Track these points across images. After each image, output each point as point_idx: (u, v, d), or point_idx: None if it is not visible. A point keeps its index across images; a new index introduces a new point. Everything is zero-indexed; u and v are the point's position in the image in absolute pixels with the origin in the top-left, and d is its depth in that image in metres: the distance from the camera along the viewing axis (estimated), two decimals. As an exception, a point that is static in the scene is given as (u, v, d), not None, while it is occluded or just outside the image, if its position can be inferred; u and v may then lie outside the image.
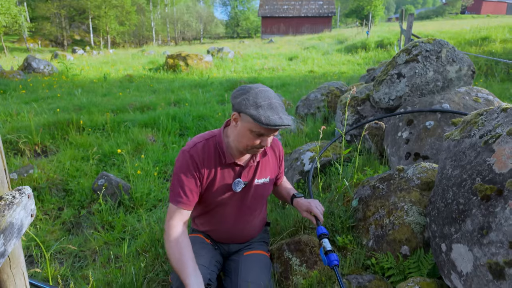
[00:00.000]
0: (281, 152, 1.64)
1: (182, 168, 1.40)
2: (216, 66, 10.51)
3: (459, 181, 1.28)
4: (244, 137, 1.31)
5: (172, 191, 1.41)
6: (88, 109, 5.23)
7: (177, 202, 1.38)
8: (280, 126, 1.22)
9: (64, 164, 3.61)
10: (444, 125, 1.99)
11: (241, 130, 1.31)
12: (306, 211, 1.57)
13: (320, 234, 1.46)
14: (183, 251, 1.27)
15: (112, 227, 2.81)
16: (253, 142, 1.30)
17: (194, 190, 1.40)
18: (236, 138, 1.36)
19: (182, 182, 1.39)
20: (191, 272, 1.21)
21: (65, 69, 9.33)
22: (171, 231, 1.33)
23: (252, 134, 1.28)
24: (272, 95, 1.28)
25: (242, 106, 1.26)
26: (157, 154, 3.82)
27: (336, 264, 1.31)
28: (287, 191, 1.71)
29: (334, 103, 3.76)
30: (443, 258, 1.23)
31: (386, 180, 1.86)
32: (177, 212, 1.37)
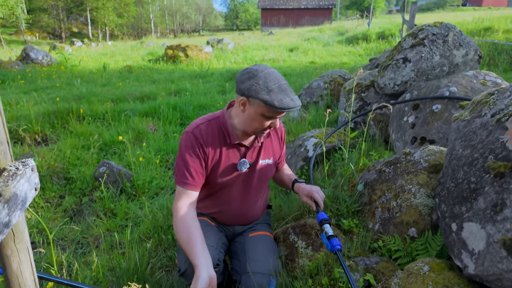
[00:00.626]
0: (283, 134, 1.63)
1: (186, 149, 1.38)
2: (216, 57, 10.42)
3: (470, 160, 1.26)
4: (255, 121, 1.30)
5: (177, 173, 1.39)
6: (88, 99, 5.19)
7: (184, 183, 1.36)
8: (293, 108, 1.22)
9: (65, 153, 3.58)
10: (452, 109, 1.96)
11: (251, 115, 1.29)
12: (307, 196, 1.55)
13: (321, 220, 1.45)
14: (192, 232, 1.25)
15: (114, 214, 2.80)
16: (264, 125, 1.30)
17: (199, 171, 1.38)
18: (245, 122, 1.34)
19: (187, 163, 1.37)
20: (201, 253, 1.19)
21: (63, 60, 9.23)
22: (178, 212, 1.31)
23: (263, 118, 1.28)
24: (279, 77, 1.27)
25: (252, 92, 1.24)
26: (158, 143, 3.79)
27: (338, 249, 1.30)
28: (288, 177, 1.70)
29: (337, 91, 3.72)
30: (453, 238, 1.22)
31: (392, 163, 1.84)
32: (183, 193, 1.36)
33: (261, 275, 1.35)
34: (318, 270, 1.46)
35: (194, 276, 1.14)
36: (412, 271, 1.25)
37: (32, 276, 0.94)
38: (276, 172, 1.75)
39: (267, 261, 1.40)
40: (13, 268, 0.88)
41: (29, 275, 0.93)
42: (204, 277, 1.12)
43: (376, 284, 1.33)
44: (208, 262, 1.18)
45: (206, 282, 1.11)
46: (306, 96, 3.97)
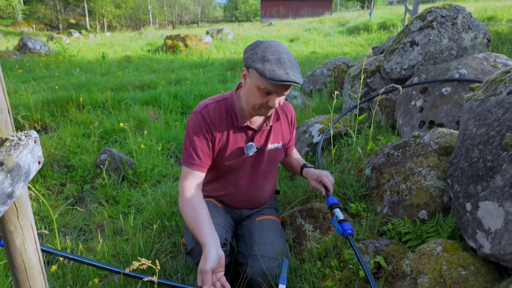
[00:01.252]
0: (293, 117, 1.58)
1: (194, 129, 1.34)
2: (216, 47, 10.29)
3: (485, 138, 1.22)
4: (252, 95, 1.24)
5: (184, 153, 1.36)
6: (87, 88, 5.12)
7: (190, 164, 1.33)
8: (285, 82, 1.13)
9: (65, 141, 3.54)
10: (462, 91, 1.91)
11: (249, 88, 1.25)
12: (316, 181, 1.52)
13: (331, 204, 1.42)
14: (199, 211, 1.22)
15: (117, 201, 2.77)
16: (261, 100, 1.23)
17: (206, 152, 1.35)
18: (245, 96, 1.29)
19: (194, 144, 1.33)
20: (209, 232, 1.16)
21: (61, 50, 9.11)
22: (185, 192, 1.28)
23: (260, 92, 1.21)
24: (283, 50, 1.20)
25: (249, 61, 1.20)
26: (159, 131, 3.75)
27: (350, 233, 1.27)
28: (297, 161, 1.66)
29: (341, 78, 3.67)
30: (467, 218, 1.19)
31: (401, 147, 1.80)
32: (190, 174, 1.32)
33: (268, 259, 1.33)
34: (327, 252, 1.43)
35: (203, 255, 1.11)
36: (424, 252, 1.22)
37: (37, 253, 0.91)
38: (285, 156, 1.72)
39: (275, 245, 1.37)
40: (16, 244, 0.85)
41: (33, 252, 0.89)
42: (213, 256, 1.09)
43: (386, 266, 1.31)
44: (217, 241, 1.15)
45: (215, 260, 1.09)
46: (310, 83, 3.91)
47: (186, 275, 1.88)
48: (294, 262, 1.40)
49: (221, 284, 1.10)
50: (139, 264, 0.82)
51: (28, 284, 0.90)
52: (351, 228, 1.29)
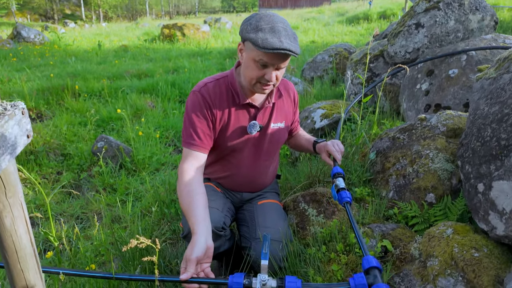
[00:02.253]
0: (296, 96, 1.52)
1: (193, 108, 1.28)
2: (214, 36, 10.13)
3: (499, 117, 1.17)
4: (248, 68, 1.18)
5: (184, 134, 1.30)
6: (83, 76, 5.02)
7: (190, 144, 1.27)
8: (279, 50, 1.05)
9: (61, 129, 3.47)
10: (470, 73, 1.85)
11: (245, 61, 1.19)
12: (325, 153, 1.45)
13: (335, 174, 1.36)
14: (195, 197, 1.16)
15: (114, 189, 2.72)
16: (257, 74, 1.16)
17: (207, 133, 1.29)
18: (243, 72, 1.23)
19: (194, 124, 1.27)
20: (201, 220, 1.10)
21: (57, 39, 8.94)
22: (183, 175, 1.22)
23: (255, 64, 1.15)
24: (278, 20, 1.13)
25: (244, 32, 1.14)
26: (157, 119, 3.68)
27: (348, 201, 1.21)
28: (307, 140, 1.59)
29: (343, 64, 3.59)
30: (479, 199, 1.14)
31: (407, 130, 1.75)
32: (190, 155, 1.26)
33: (272, 242, 1.28)
34: (332, 237, 1.39)
35: (190, 242, 1.05)
36: (434, 234, 1.18)
37: (28, 235, 0.86)
38: (292, 138, 1.66)
39: (278, 228, 1.32)
40: (6, 225, 0.79)
41: (24, 233, 0.84)
42: (201, 245, 1.03)
43: (393, 250, 1.27)
44: (208, 230, 1.09)
45: (202, 249, 1.02)
46: (310, 70, 3.83)
47: (186, 262, 1.84)
48: (298, 246, 1.36)
49: (205, 275, 1.04)
50: (137, 242, 0.77)
51: (19, 267, 0.84)
52: (350, 196, 1.23)
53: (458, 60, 1.93)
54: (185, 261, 1.02)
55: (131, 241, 0.76)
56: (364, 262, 0.92)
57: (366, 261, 0.92)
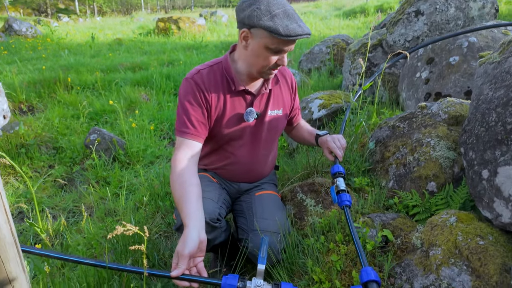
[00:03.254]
0: (293, 81, 1.46)
1: (186, 96, 1.22)
2: (210, 29, 10.01)
3: (505, 100, 1.12)
4: (260, 56, 1.13)
5: (177, 123, 1.25)
6: (76, 69, 4.92)
7: (183, 133, 1.21)
8: (302, 36, 1.06)
9: (53, 122, 3.39)
10: (471, 60, 1.81)
11: (254, 49, 1.13)
12: (327, 149, 1.42)
13: (335, 173, 1.32)
14: (188, 188, 1.10)
15: (108, 182, 2.66)
16: (270, 61, 1.13)
17: (201, 121, 1.23)
18: (249, 60, 1.18)
19: (188, 112, 1.22)
20: (193, 212, 1.04)
21: (49, 32, 8.78)
22: (176, 165, 1.17)
23: (269, 52, 1.11)
24: (284, 2, 1.10)
25: (253, 19, 1.07)
26: (152, 112, 3.61)
27: (347, 204, 1.17)
28: (309, 132, 1.54)
29: (341, 55, 3.53)
30: (483, 186, 1.10)
31: (407, 118, 1.71)
32: (183, 144, 1.21)
33: (270, 233, 1.24)
34: (331, 227, 1.34)
35: (182, 236, 0.99)
36: (436, 223, 1.14)
37: (8, 224, 0.80)
38: (294, 129, 1.61)
39: (276, 219, 1.28)
40: (-18, 213, 0.74)
41: (3, 222, 0.78)
42: (194, 239, 0.96)
43: (394, 240, 1.23)
44: (201, 223, 1.03)
45: (195, 244, 0.96)
46: (307, 62, 3.77)
47: (181, 255, 1.79)
48: (296, 237, 1.31)
49: (198, 271, 0.99)
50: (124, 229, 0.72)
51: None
52: (350, 200, 1.19)
53: (459, 47, 1.88)
54: (176, 256, 0.97)
55: (117, 227, 0.71)
56: (363, 275, 0.87)
57: (365, 273, 0.87)
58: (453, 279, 0.97)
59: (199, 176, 1.36)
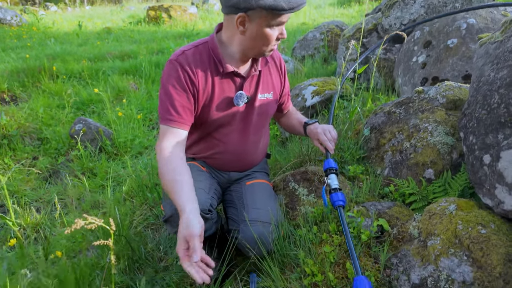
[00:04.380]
0: (282, 63, 1.38)
1: (170, 79, 1.13)
2: (202, 18, 9.77)
3: (508, 81, 1.05)
4: (262, 37, 1.07)
5: (160, 110, 1.16)
6: (63, 58, 4.74)
7: (167, 120, 1.13)
8: (303, 4, 1.03)
9: (37, 112, 3.26)
10: (470, 42, 1.74)
11: (255, 32, 1.06)
12: (317, 141, 1.35)
13: (327, 169, 1.25)
14: (179, 173, 1.05)
15: (94, 174, 2.56)
16: (273, 38, 1.07)
17: (186, 106, 1.15)
18: (248, 44, 1.11)
19: (172, 97, 1.13)
20: (189, 198, 0.99)
21: (35, 21, 8.48)
22: (163, 152, 1.10)
23: (272, 31, 1.05)
24: None
25: (251, 1, 0.99)
26: (140, 101, 3.49)
27: (341, 205, 1.11)
28: (298, 120, 1.47)
29: (335, 42, 3.44)
30: (484, 172, 1.04)
31: (403, 104, 1.64)
32: (168, 132, 1.13)
33: (261, 224, 1.17)
34: (324, 216, 1.28)
35: (183, 221, 0.94)
36: (434, 211, 1.08)
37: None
38: (284, 117, 1.53)
39: (268, 209, 1.21)
40: None
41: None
42: (197, 220, 0.93)
43: (390, 229, 1.17)
44: (198, 210, 0.99)
45: (200, 224, 0.93)
46: (301, 49, 3.67)
47: (169, 247, 1.72)
48: (288, 228, 1.25)
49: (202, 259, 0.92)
50: (85, 222, 0.64)
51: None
52: (344, 199, 1.13)
53: (457, 29, 1.81)
54: (183, 242, 0.91)
55: (76, 221, 0.63)
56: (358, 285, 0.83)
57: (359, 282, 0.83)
58: (452, 270, 0.91)
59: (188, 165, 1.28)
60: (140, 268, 1.58)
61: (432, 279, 0.94)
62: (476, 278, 0.85)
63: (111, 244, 0.68)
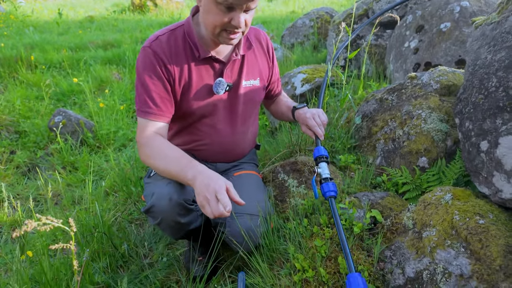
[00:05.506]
0: (270, 45, 1.29)
1: (144, 68, 1.05)
2: (189, 6, 9.52)
3: (507, 63, 1.00)
4: (209, 13, 0.96)
5: (137, 102, 1.07)
6: (42, 47, 4.53)
7: (146, 113, 1.05)
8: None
9: (14, 104, 3.10)
10: (463, 26, 1.68)
11: (206, 5, 0.96)
12: (305, 126, 1.27)
13: (316, 157, 1.18)
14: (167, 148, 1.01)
15: (75, 168, 2.45)
16: (221, 19, 0.95)
17: (164, 97, 1.07)
18: (203, 19, 1.01)
19: (148, 87, 1.04)
20: (192, 164, 0.96)
21: (13, 9, 8.10)
22: (144, 140, 1.03)
23: (218, 8, 0.93)
24: None
25: None
26: (124, 92, 3.36)
27: (332, 195, 1.05)
28: (287, 105, 1.39)
29: (325, 29, 3.35)
30: (481, 159, 0.99)
31: (396, 90, 1.58)
32: (148, 125, 1.05)
33: (249, 217, 1.11)
34: (314, 208, 1.22)
35: (200, 177, 0.90)
36: (430, 201, 1.03)
37: None
38: (274, 103, 1.46)
39: (256, 201, 1.14)
40: None
41: None
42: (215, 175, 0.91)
43: (384, 221, 1.12)
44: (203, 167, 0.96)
45: (222, 179, 0.91)
46: (290, 36, 3.58)
47: (154, 243, 1.65)
48: (277, 221, 1.19)
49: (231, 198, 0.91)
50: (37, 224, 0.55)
51: None
52: (335, 189, 1.06)
53: (450, 12, 1.75)
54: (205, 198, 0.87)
55: (27, 222, 0.54)
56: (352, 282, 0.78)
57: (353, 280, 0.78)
58: (449, 262, 0.87)
59: None
60: (123, 266, 1.50)
61: (428, 272, 0.90)
62: (474, 271, 0.81)
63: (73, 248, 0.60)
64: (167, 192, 1.00)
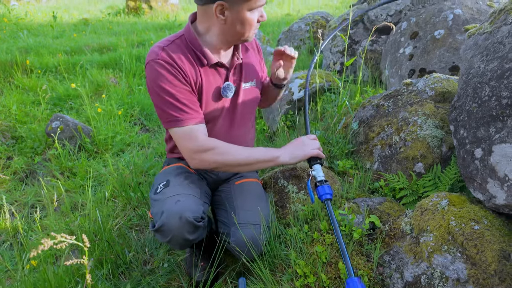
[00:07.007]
0: (257, 43, 1.35)
1: (162, 80, 1.04)
2: (184, 9, 9.52)
3: (499, 73, 1.03)
4: (245, 23, 1.02)
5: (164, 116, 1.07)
6: (37, 51, 4.50)
7: (184, 121, 1.07)
8: None
9: (10, 109, 3.08)
10: (456, 33, 1.72)
11: (236, 18, 1.01)
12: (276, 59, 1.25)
13: (310, 159, 1.20)
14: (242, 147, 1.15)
15: (74, 173, 2.45)
16: (254, 22, 1.04)
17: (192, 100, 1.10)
18: (230, 32, 1.05)
19: (174, 96, 1.05)
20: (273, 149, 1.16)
21: (6, 12, 8.03)
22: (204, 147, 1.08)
23: (253, 14, 1.02)
24: None
25: None
26: (121, 96, 3.35)
27: (328, 198, 1.07)
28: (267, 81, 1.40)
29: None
30: (475, 166, 1.02)
31: (392, 96, 1.61)
32: (193, 131, 1.07)
33: (252, 226, 1.12)
34: (314, 214, 1.25)
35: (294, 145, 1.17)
36: (426, 207, 1.06)
37: None
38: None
39: (259, 210, 1.16)
40: None
41: None
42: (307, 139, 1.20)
43: (382, 226, 1.15)
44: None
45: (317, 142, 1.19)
46: (286, 40, 3.61)
47: (155, 249, 1.66)
48: (278, 227, 1.21)
49: None
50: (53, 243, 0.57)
51: None
52: (330, 191, 1.07)
53: (444, 20, 1.79)
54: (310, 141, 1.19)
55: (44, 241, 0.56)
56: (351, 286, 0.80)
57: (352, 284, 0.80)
58: (446, 267, 0.90)
59: (174, 167, 1.22)
60: (125, 272, 1.51)
61: (426, 277, 0.93)
62: (471, 275, 0.84)
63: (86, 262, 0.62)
64: (176, 210, 1.00)
